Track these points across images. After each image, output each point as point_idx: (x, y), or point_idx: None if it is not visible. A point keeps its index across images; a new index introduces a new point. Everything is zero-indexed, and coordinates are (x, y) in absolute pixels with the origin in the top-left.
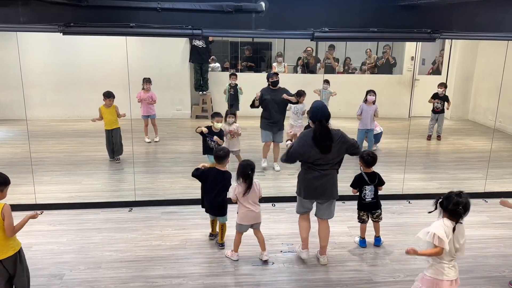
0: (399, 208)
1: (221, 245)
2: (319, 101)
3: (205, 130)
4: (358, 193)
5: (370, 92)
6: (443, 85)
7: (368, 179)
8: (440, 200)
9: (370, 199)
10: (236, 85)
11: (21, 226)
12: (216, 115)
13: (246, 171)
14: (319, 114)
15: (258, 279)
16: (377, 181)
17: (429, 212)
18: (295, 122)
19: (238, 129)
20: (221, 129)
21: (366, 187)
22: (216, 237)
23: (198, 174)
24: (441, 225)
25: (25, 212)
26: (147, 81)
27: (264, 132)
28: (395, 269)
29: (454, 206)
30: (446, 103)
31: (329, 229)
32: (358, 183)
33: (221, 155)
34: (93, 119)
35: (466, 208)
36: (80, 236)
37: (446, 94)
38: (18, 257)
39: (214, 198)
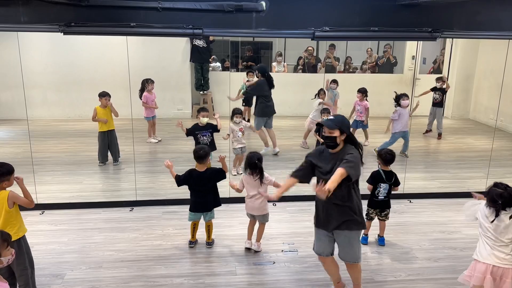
0: (400, 207)
1: (209, 244)
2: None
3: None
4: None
5: (403, 96)
6: (441, 79)
7: (385, 177)
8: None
9: (383, 197)
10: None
11: (26, 193)
12: (202, 110)
13: (253, 160)
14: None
15: (259, 278)
16: (394, 180)
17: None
18: (314, 118)
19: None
20: (211, 124)
21: (381, 185)
22: (196, 244)
23: (181, 180)
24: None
25: (25, 212)
26: (151, 82)
27: (262, 119)
28: (396, 268)
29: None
30: (445, 91)
31: (357, 273)
32: (374, 179)
33: (202, 155)
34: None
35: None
36: (81, 236)
37: (447, 89)
38: (16, 246)
39: (203, 198)
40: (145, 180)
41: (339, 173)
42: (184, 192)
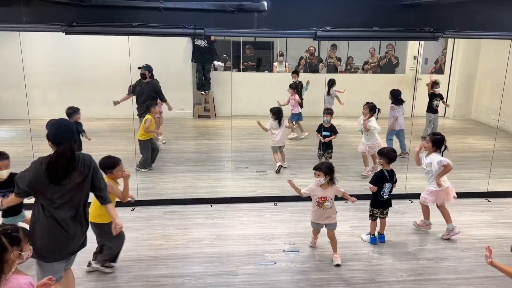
0: (401, 207)
1: None
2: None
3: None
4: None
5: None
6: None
7: (388, 177)
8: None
9: (387, 196)
10: (301, 82)
11: (125, 189)
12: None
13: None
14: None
15: (260, 278)
16: (395, 178)
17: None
18: (366, 141)
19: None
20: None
21: (386, 185)
22: None
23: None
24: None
25: (27, 211)
26: None
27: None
28: (397, 269)
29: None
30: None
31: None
32: (379, 180)
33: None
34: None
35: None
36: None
37: (447, 93)
38: (96, 229)
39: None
40: (146, 180)
41: None
42: (185, 192)
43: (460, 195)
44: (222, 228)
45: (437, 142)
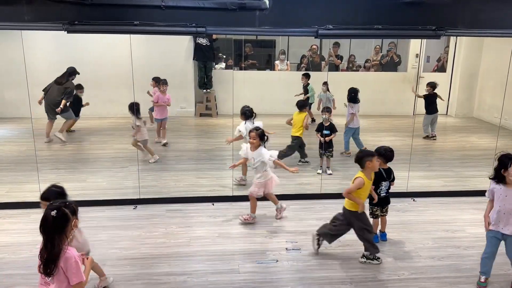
0: (403, 206)
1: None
2: None
3: None
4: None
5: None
6: (428, 85)
7: (386, 175)
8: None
9: (384, 194)
10: (308, 84)
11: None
12: None
13: None
14: None
15: (263, 276)
16: (392, 177)
17: None
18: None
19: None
20: None
21: (382, 183)
22: None
23: None
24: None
25: (29, 210)
26: (163, 82)
27: None
28: (399, 267)
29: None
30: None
31: None
32: (377, 179)
33: None
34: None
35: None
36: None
37: (450, 91)
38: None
39: None
40: (148, 178)
41: None
42: (187, 190)
43: (462, 193)
44: (224, 226)
45: (262, 136)
